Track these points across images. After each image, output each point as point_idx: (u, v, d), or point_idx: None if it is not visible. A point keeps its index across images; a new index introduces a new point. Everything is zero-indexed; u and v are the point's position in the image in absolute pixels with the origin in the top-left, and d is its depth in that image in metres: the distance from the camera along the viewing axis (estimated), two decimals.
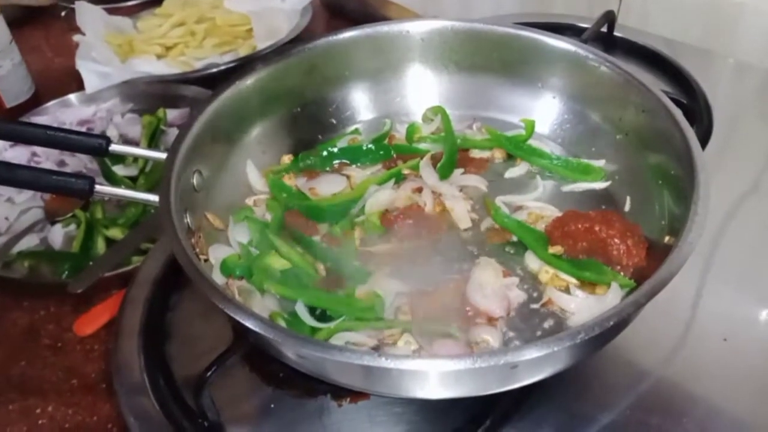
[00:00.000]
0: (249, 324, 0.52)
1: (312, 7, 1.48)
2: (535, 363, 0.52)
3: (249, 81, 0.82)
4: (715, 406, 0.65)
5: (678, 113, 0.70)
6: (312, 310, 0.67)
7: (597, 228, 0.69)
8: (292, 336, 0.52)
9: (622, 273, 0.68)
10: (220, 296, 0.55)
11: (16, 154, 1.11)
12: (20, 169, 0.64)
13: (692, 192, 0.61)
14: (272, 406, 0.67)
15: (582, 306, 0.66)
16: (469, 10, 1.41)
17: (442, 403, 0.65)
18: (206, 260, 0.70)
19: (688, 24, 1.14)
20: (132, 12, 1.55)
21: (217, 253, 0.71)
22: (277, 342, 0.52)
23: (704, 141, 0.93)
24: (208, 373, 0.66)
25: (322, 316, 0.67)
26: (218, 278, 0.69)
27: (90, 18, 1.42)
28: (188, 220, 0.68)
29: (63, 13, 1.62)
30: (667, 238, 0.66)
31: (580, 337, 0.50)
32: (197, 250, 0.67)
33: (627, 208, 0.77)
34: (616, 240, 0.68)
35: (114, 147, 0.71)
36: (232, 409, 0.67)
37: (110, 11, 1.50)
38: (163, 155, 0.69)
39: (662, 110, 0.72)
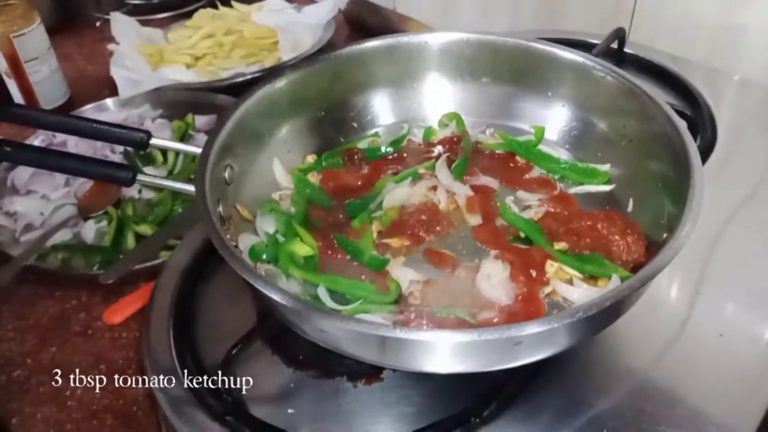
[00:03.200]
0: (277, 297, 0.56)
1: (335, 22, 1.53)
2: (536, 339, 0.56)
3: (278, 85, 0.85)
4: (709, 396, 0.68)
5: (677, 119, 0.73)
6: (332, 294, 0.71)
7: (599, 225, 0.73)
8: (316, 309, 0.56)
9: (621, 267, 0.70)
10: (252, 273, 0.58)
11: None
12: (71, 157, 0.69)
13: (687, 190, 0.65)
14: (292, 386, 0.70)
15: (584, 296, 0.68)
16: (484, 27, 1.44)
17: (450, 386, 0.68)
18: (236, 246, 0.73)
19: (695, 42, 1.17)
20: (163, 24, 1.62)
21: (245, 242, 0.75)
22: (302, 315, 0.56)
23: (708, 151, 0.96)
24: (234, 351, 0.69)
25: (342, 300, 0.70)
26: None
27: (124, 29, 1.49)
28: (220, 209, 0.72)
29: (98, 24, 1.69)
30: (665, 235, 0.68)
31: (578, 315, 0.53)
32: (228, 236, 0.70)
33: (630, 208, 0.80)
34: (617, 237, 0.71)
35: (154, 140, 0.75)
36: (254, 388, 0.70)
37: (143, 23, 1.56)
38: (198, 150, 0.73)
39: (663, 117, 0.75)
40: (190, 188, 0.69)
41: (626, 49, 1.20)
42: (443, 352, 0.57)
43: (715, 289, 0.78)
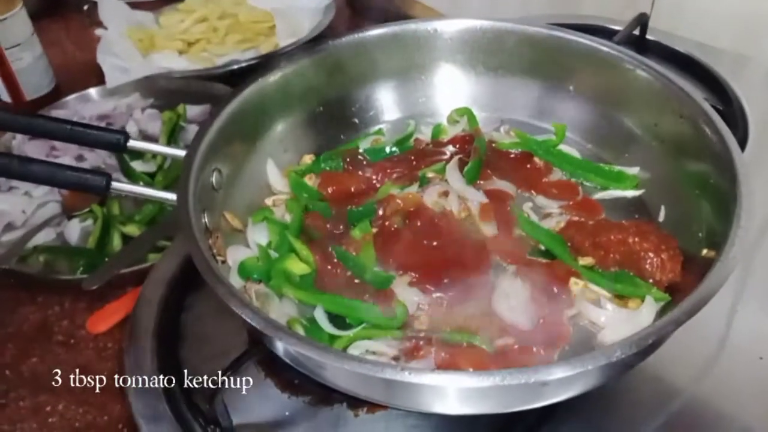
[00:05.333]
0: (267, 331, 0.51)
1: (335, 5, 1.47)
2: (566, 381, 0.50)
3: (272, 78, 0.81)
4: (749, 426, 0.63)
5: (719, 121, 0.68)
6: (331, 317, 0.66)
7: (631, 240, 0.67)
8: (312, 345, 0.50)
9: (655, 287, 0.65)
10: (236, 300, 0.53)
11: (35, 147, 1.11)
12: (36, 163, 0.63)
13: (734, 204, 0.59)
14: (287, 413, 0.66)
15: (613, 320, 0.63)
16: (495, 11, 1.39)
17: (462, 417, 0.63)
18: (224, 262, 0.69)
19: (721, 28, 1.11)
20: (154, 7, 1.55)
21: (235, 255, 0.70)
22: (296, 350, 0.51)
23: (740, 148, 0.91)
24: (223, 378, 0.63)
25: (342, 323, 0.65)
26: (236, 281, 0.68)
27: (112, 12, 1.42)
28: (206, 219, 0.67)
29: (85, 7, 1.62)
30: (705, 251, 0.63)
31: (616, 355, 0.48)
32: (215, 251, 0.66)
33: (661, 218, 0.75)
34: (650, 254, 0.66)
35: (132, 143, 0.70)
36: (245, 416, 0.65)
37: (132, 6, 1.50)
38: (182, 153, 0.68)
39: (702, 117, 0.70)
40: (172, 197, 0.64)
41: (648, 36, 1.14)
42: (459, 395, 0.52)
43: (754, 306, 0.73)
